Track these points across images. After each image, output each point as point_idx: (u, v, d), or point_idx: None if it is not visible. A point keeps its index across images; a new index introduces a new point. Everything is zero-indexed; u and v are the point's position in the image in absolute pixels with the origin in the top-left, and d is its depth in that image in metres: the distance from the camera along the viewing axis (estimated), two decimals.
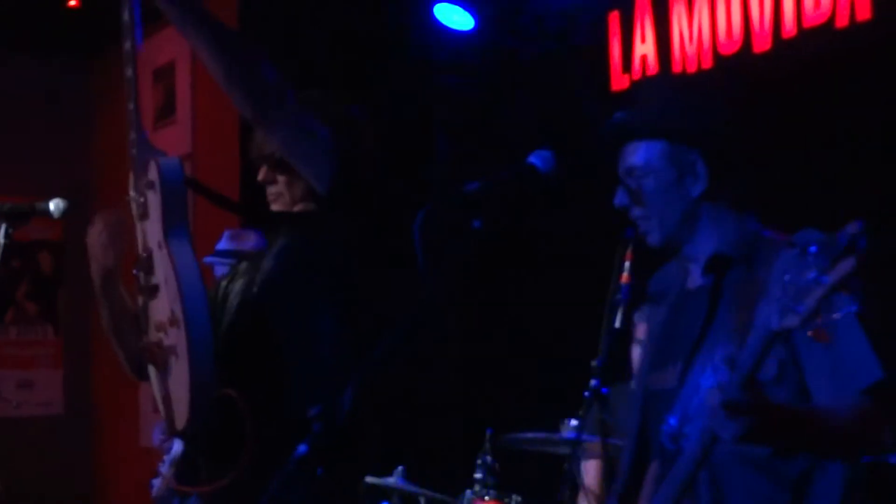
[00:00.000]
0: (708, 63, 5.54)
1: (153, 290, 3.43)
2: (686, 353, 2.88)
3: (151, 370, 3.51)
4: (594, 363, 3.53)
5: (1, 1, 7.05)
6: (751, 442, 2.56)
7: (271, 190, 3.57)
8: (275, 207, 3.57)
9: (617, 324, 3.57)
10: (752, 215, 2.92)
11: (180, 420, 3.42)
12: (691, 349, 2.87)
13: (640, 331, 4.80)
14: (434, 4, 6.58)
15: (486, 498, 4.89)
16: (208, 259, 5.60)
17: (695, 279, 2.96)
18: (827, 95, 5.06)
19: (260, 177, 3.57)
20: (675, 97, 3.05)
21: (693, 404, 2.81)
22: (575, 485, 4.83)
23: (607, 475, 4.81)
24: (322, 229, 3.48)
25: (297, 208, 3.55)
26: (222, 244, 5.65)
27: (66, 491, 7.80)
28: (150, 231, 3.44)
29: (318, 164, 3.38)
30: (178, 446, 5.29)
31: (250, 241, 5.57)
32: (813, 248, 2.32)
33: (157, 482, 5.42)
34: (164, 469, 5.42)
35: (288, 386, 3.44)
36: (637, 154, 2.92)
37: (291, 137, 3.38)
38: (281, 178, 3.53)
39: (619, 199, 2.94)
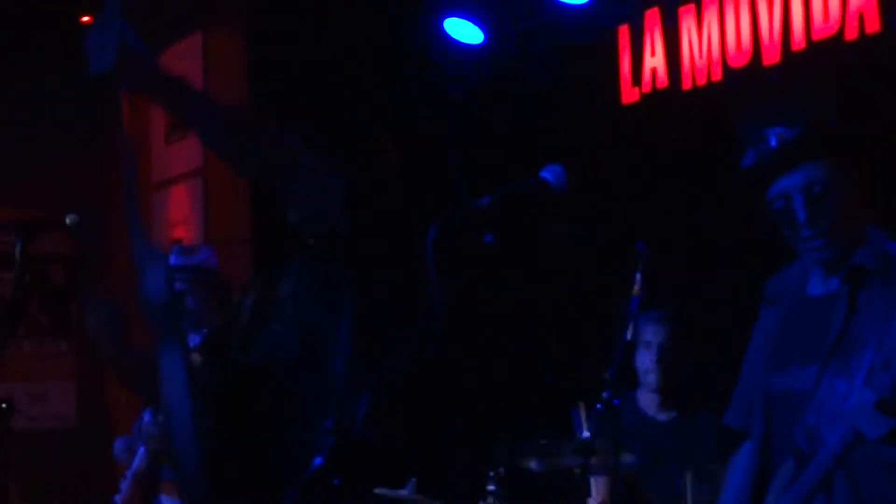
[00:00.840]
0: (717, 76, 5.54)
1: None
2: (822, 357, 2.91)
3: None
4: (606, 375, 3.55)
5: (14, 16, 7.09)
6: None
7: None
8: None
9: (628, 336, 3.59)
10: (882, 229, 2.98)
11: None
12: (828, 353, 2.91)
13: (648, 333, 4.83)
14: (444, 19, 6.59)
15: None
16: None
17: (816, 285, 3.02)
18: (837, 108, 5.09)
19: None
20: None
21: (830, 406, 2.85)
22: (583, 497, 4.85)
23: (616, 492, 4.82)
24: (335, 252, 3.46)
25: None
26: (172, 260, 5.55)
27: None
28: None
29: (333, 216, 3.30)
30: (139, 460, 5.27)
31: (200, 254, 5.56)
32: None
33: (118, 498, 5.41)
34: (125, 485, 5.42)
35: (302, 400, 3.45)
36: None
37: (307, 204, 3.32)
38: None
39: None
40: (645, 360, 4.89)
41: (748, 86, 5.39)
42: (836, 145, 2.98)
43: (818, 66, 5.10)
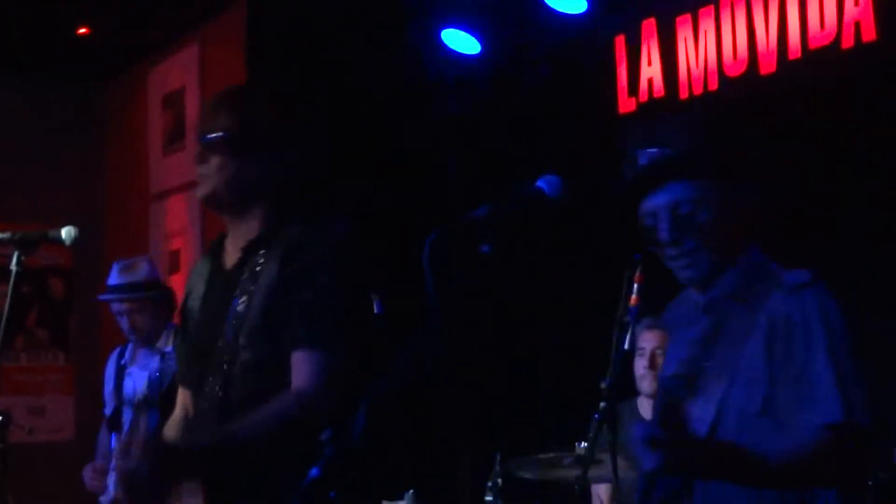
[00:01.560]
0: (714, 85, 5.56)
1: None
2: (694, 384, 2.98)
3: None
4: (603, 385, 3.55)
5: (11, 27, 7.09)
6: (668, 474, 2.72)
7: (201, 170, 3.26)
8: (200, 190, 3.26)
9: (626, 345, 3.59)
10: (756, 246, 2.98)
11: None
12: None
13: (641, 340, 4.87)
14: (441, 30, 6.59)
15: None
16: (103, 297, 5.56)
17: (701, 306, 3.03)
18: (833, 116, 5.09)
19: (196, 155, 3.29)
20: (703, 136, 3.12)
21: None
22: None
23: (618, 498, 4.83)
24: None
25: (237, 199, 3.28)
26: (113, 279, 5.51)
27: None
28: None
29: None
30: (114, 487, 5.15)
31: (143, 271, 5.50)
32: None
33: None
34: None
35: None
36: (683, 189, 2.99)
37: None
38: (216, 159, 3.26)
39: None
40: (639, 367, 4.96)
41: (745, 94, 5.42)
42: (696, 168, 2.99)
43: (815, 74, 5.12)
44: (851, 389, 2.69)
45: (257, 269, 3.25)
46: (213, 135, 3.25)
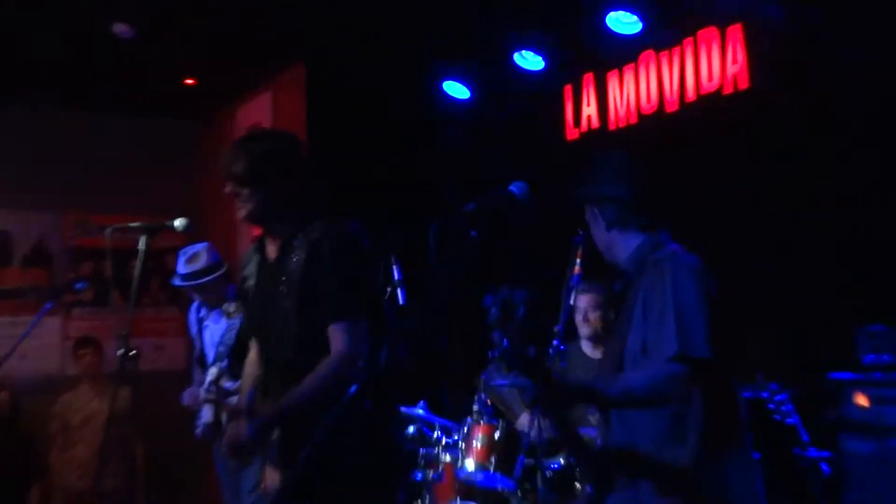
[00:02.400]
0: (634, 120, 5.57)
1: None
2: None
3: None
4: (556, 328, 3.57)
5: (139, 78, 7.09)
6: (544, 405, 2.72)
7: (238, 201, 3.28)
8: (241, 213, 3.28)
9: (571, 301, 3.62)
10: (661, 232, 2.94)
11: None
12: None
13: (580, 300, 4.85)
14: (443, 82, 6.65)
15: (482, 423, 4.90)
16: (178, 283, 5.31)
17: (616, 286, 3.05)
18: (717, 141, 5.10)
19: (227, 189, 3.29)
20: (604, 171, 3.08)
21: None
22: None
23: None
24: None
25: (267, 217, 3.30)
26: (181, 268, 5.26)
27: (189, 429, 7.82)
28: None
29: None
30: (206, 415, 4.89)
31: (203, 259, 5.25)
32: None
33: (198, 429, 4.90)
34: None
35: None
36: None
37: None
38: (244, 192, 3.26)
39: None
40: (578, 318, 4.95)
41: (656, 126, 5.44)
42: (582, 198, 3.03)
43: (704, 112, 5.13)
44: (690, 333, 2.64)
45: (292, 261, 3.23)
46: (232, 173, 3.26)
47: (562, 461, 4.69)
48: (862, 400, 3.80)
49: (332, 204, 3.40)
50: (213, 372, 4.80)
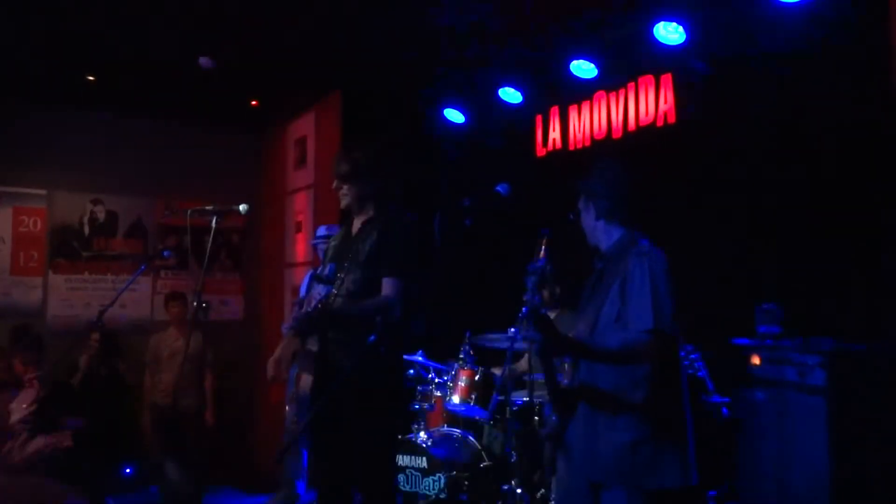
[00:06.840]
0: (588, 143, 5.51)
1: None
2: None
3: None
4: (525, 298, 3.49)
5: (215, 100, 7.01)
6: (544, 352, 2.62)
7: (341, 193, 3.37)
8: (343, 202, 3.38)
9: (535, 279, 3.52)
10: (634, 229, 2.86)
11: None
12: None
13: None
14: (443, 109, 6.55)
15: (465, 368, 4.86)
16: (314, 242, 5.38)
17: (598, 264, 2.95)
18: (652, 163, 5.02)
19: (334, 185, 3.36)
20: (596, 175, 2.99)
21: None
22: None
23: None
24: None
25: (358, 204, 3.35)
26: (322, 232, 5.37)
27: (246, 364, 7.78)
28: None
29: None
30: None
31: (335, 229, 5.30)
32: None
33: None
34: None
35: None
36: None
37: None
38: (345, 186, 3.35)
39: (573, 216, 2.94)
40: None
41: (605, 150, 5.35)
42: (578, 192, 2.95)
43: (642, 139, 5.06)
44: (660, 310, 2.60)
45: (370, 235, 3.30)
46: (339, 173, 3.33)
47: (524, 399, 4.62)
48: (756, 360, 3.77)
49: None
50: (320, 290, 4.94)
